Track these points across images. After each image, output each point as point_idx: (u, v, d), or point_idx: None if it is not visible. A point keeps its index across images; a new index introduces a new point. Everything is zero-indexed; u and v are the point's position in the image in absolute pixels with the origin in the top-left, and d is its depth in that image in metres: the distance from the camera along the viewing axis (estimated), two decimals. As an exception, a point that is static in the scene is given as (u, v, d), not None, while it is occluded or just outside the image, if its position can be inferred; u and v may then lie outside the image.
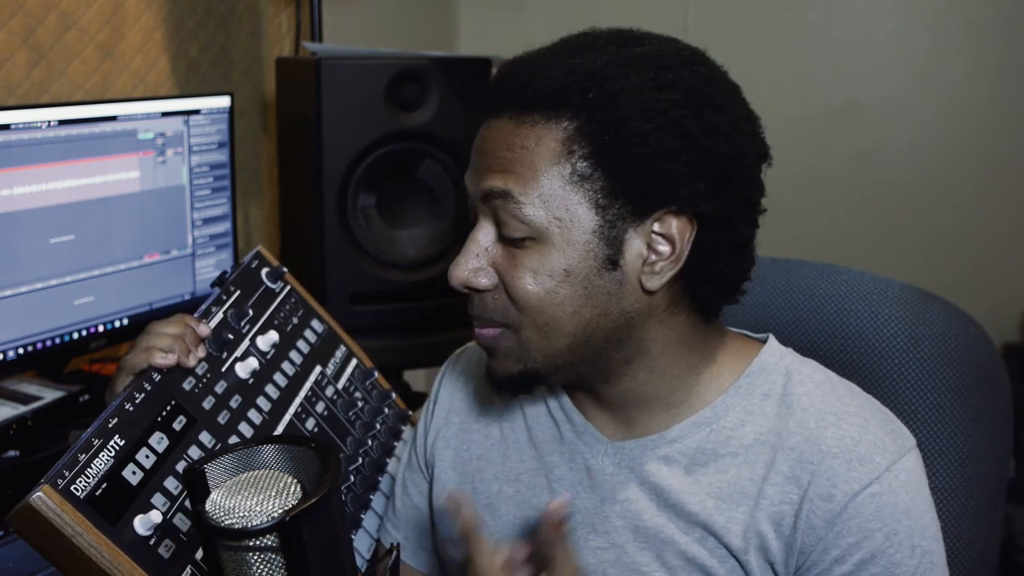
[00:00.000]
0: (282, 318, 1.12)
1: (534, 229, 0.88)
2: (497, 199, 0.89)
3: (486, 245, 0.92)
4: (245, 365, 1.02)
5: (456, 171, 1.92)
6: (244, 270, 1.12)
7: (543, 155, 0.87)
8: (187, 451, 0.92)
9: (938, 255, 2.60)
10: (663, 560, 0.93)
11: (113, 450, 0.85)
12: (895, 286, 1.16)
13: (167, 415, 0.92)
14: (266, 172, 2.29)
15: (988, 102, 2.54)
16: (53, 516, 0.78)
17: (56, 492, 0.79)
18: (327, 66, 1.82)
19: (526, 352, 0.92)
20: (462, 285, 0.93)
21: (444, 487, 1.08)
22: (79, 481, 0.81)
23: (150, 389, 0.92)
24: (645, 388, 0.95)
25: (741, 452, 0.92)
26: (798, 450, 0.90)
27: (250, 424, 1.00)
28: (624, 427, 0.98)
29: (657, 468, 0.95)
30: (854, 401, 0.93)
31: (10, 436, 1.48)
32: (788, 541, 0.89)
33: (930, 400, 1.11)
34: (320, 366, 1.14)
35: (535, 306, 0.89)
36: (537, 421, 1.04)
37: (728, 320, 1.03)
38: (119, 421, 0.87)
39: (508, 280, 0.90)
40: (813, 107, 2.64)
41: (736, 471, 0.92)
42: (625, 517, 0.95)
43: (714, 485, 0.92)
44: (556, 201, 0.87)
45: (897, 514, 0.87)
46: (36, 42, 1.74)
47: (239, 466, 0.72)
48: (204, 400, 0.97)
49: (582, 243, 0.87)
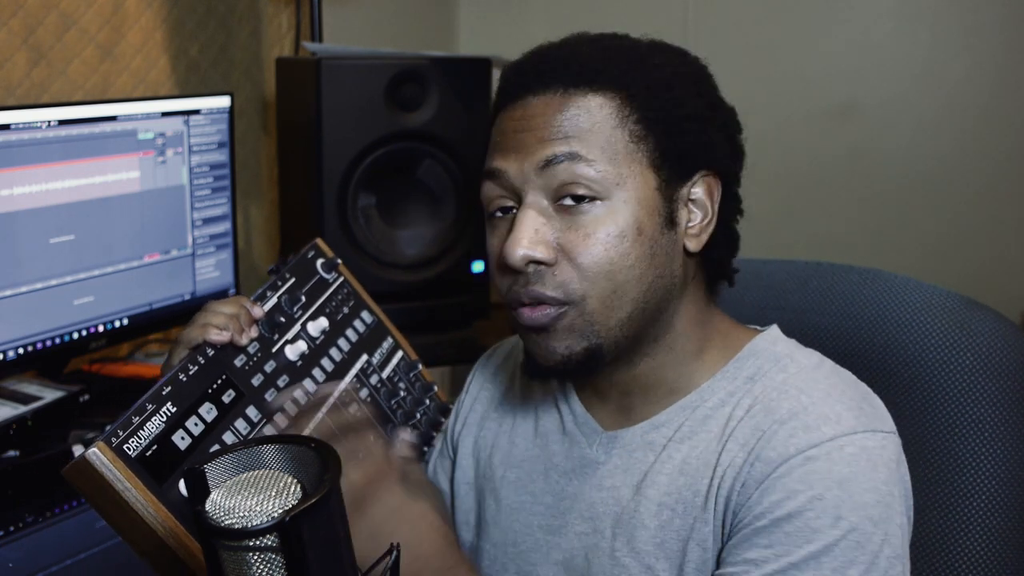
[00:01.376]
0: (333, 307, 1.16)
1: (604, 186, 0.89)
2: (563, 162, 0.89)
3: (541, 220, 0.90)
4: (295, 348, 1.06)
5: (456, 171, 1.93)
6: (300, 259, 1.16)
7: (602, 119, 0.90)
8: (234, 423, 0.96)
9: (938, 255, 2.60)
10: (633, 546, 0.93)
11: (165, 415, 0.90)
12: (940, 293, 1.12)
13: (218, 388, 0.96)
14: (266, 172, 2.30)
15: (988, 102, 2.54)
16: (106, 471, 0.82)
17: (110, 449, 0.83)
18: (327, 66, 1.82)
19: (590, 326, 0.90)
20: (525, 261, 0.89)
21: (464, 472, 1.12)
22: (131, 441, 0.86)
23: (203, 363, 0.96)
24: (659, 371, 0.96)
25: (715, 429, 0.93)
26: (755, 419, 0.90)
27: (296, 403, 1.03)
28: (622, 416, 0.99)
29: (644, 454, 0.96)
30: (828, 379, 0.92)
31: (10, 436, 1.48)
32: (726, 501, 0.88)
33: (970, 413, 1.06)
34: (367, 355, 1.17)
35: (608, 270, 0.89)
36: (545, 412, 1.07)
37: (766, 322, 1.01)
38: (172, 390, 0.92)
39: (576, 248, 0.89)
40: (813, 107, 2.64)
41: (705, 446, 0.92)
42: (608, 504, 0.97)
43: (685, 461, 0.93)
44: (621, 159, 0.90)
45: (828, 482, 0.83)
46: (36, 42, 1.74)
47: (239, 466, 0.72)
48: (253, 377, 1.00)
49: (648, 200, 0.90)
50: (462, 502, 1.11)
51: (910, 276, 1.17)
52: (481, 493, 1.09)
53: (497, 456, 1.08)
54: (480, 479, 1.10)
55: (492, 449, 1.10)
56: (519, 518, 1.04)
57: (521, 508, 1.04)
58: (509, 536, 1.04)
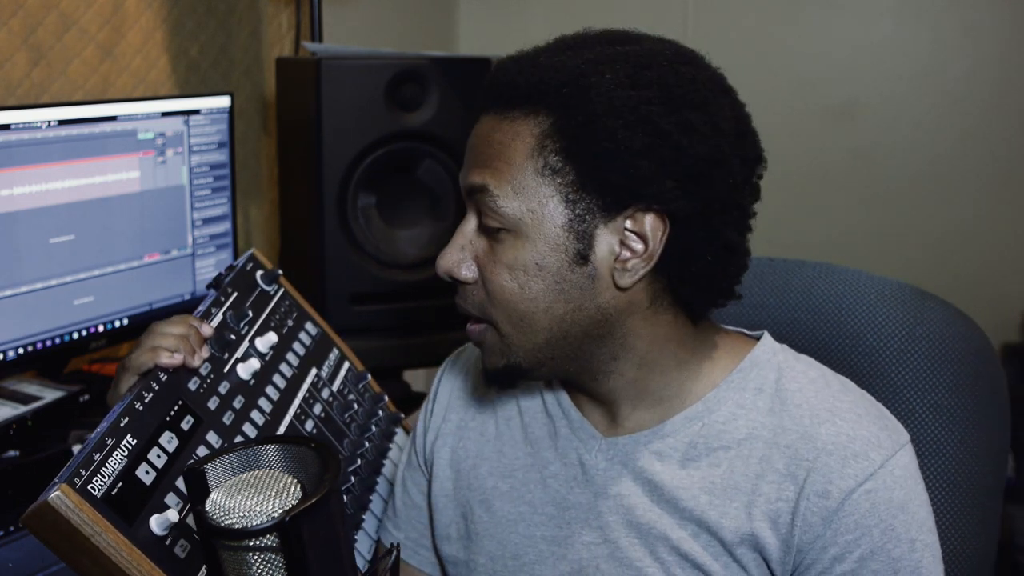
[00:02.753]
0: (278, 320, 1.13)
1: (508, 221, 0.91)
2: (477, 193, 0.93)
3: (470, 237, 0.95)
4: (247, 366, 1.03)
5: (456, 171, 1.92)
6: (240, 272, 1.13)
7: (518, 149, 0.90)
8: (196, 451, 0.92)
9: (938, 255, 2.60)
10: (656, 555, 0.93)
11: (126, 449, 0.85)
12: (892, 285, 1.17)
13: (175, 415, 0.92)
14: (266, 172, 2.29)
15: (988, 102, 2.55)
16: (72, 515, 0.78)
17: (74, 491, 0.78)
18: (327, 66, 1.82)
19: (507, 347, 0.94)
20: (447, 274, 0.96)
21: (442, 484, 1.09)
22: (95, 480, 0.81)
23: (158, 389, 0.92)
24: (635, 384, 0.96)
25: (733, 446, 0.92)
26: (793, 447, 0.90)
27: (253, 425, 1.01)
28: (618, 423, 0.98)
29: (650, 463, 0.95)
30: (848, 397, 0.94)
31: (10, 436, 1.48)
32: (785, 539, 0.89)
33: (927, 399, 1.11)
34: (315, 368, 1.14)
35: (509, 300, 0.92)
36: (533, 418, 1.04)
37: (724, 319, 1.03)
38: (130, 420, 0.87)
39: (486, 274, 0.93)
40: (813, 107, 2.64)
41: (729, 465, 0.92)
42: (618, 512, 0.96)
43: (707, 480, 0.92)
44: (528, 193, 0.90)
45: (893, 509, 0.88)
46: (36, 42, 1.74)
47: (239, 466, 0.72)
48: (209, 400, 0.97)
49: (552, 236, 0.90)
50: (441, 515, 1.08)
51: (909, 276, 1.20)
52: (466, 505, 1.06)
53: (484, 466, 1.06)
54: (463, 490, 1.07)
55: (476, 459, 1.07)
56: (518, 529, 1.02)
57: (520, 519, 1.02)
58: (508, 549, 1.02)
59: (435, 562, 1.13)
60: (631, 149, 0.86)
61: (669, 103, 0.86)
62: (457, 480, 1.08)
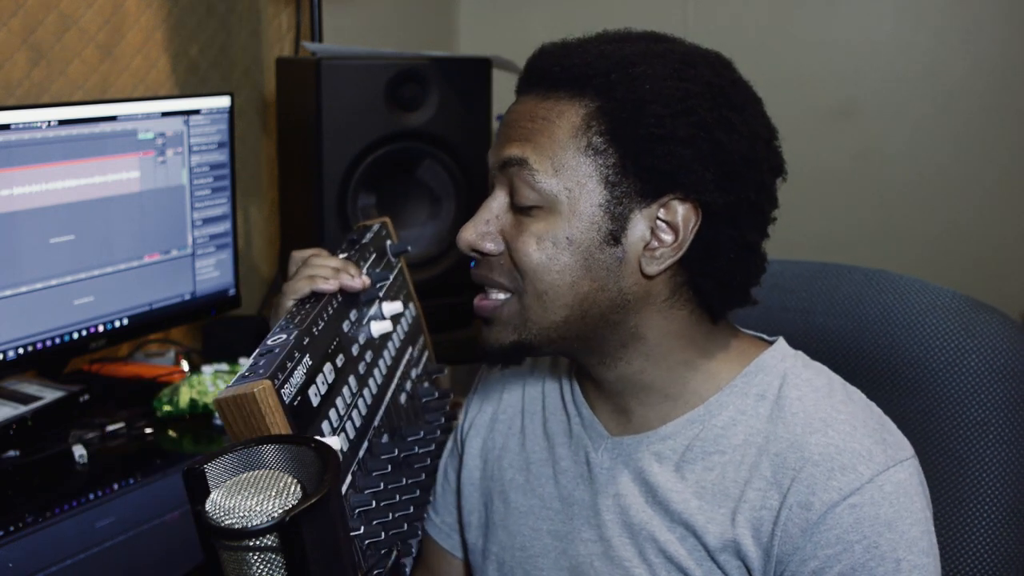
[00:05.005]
0: (394, 292, 1.16)
1: (545, 197, 0.91)
2: (514, 166, 0.92)
3: (497, 213, 0.95)
4: (379, 325, 1.07)
5: (456, 171, 1.92)
6: (376, 235, 1.17)
7: (562, 127, 0.90)
8: (342, 390, 0.95)
9: (938, 255, 2.60)
10: (644, 556, 0.94)
11: (305, 367, 0.89)
12: (945, 294, 1.11)
13: (334, 349, 0.96)
14: (266, 172, 2.30)
15: (988, 102, 2.54)
16: (268, 411, 0.81)
17: (275, 391, 0.82)
18: (327, 66, 1.82)
19: (524, 320, 0.94)
20: (469, 248, 0.95)
21: (471, 472, 1.12)
22: (287, 387, 0.84)
23: (327, 320, 0.96)
24: (641, 376, 0.96)
25: (728, 451, 0.92)
26: (782, 455, 0.89)
27: (376, 382, 1.04)
28: (624, 420, 0.99)
29: (649, 464, 0.95)
30: (848, 408, 0.92)
31: (10, 436, 1.48)
32: (766, 548, 0.88)
33: (975, 416, 1.05)
34: (411, 348, 1.18)
35: (535, 270, 0.92)
36: (553, 413, 1.06)
37: (769, 324, 1.00)
38: (310, 341, 0.91)
39: (513, 245, 0.93)
40: (813, 107, 2.64)
41: (721, 470, 0.92)
42: (615, 511, 0.97)
43: (699, 484, 0.92)
44: (568, 172, 0.90)
45: (879, 527, 0.85)
46: (36, 42, 1.74)
47: (239, 466, 0.72)
48: (353, 346, 1.01)
49: (588, 215, 0.90)
50: (466, 501, 1.12)
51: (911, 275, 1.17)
52: (488, 495, 1.09)
53: (506, 458, 1.08)
54: (487, 480, 1.10)
55: (501, 451, 1.09)
56: (528, 522, 1.04)
57: (530, 512, 1.04)
58: (517, 540, 1.04)
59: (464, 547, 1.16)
60: (676, 137, 0.88)
61: (712, 99, 0.90)
62: (484, 470, 1.11)
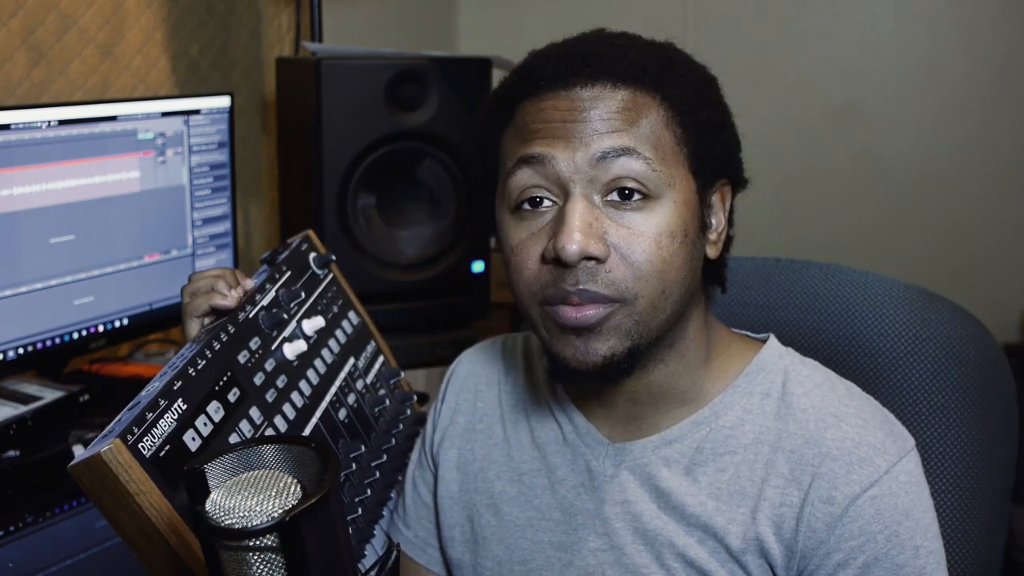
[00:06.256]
0: (324, 304, 1.14)
1: (656, 185, 0.87)
2: (620, 156, 0.86)
3: (594, 213, 0.87)
4: (293, 347, 1.04)
5: (456, 171, 1.92)
6: (294, 251, 1.14)
7: (652, 117, 0.89)
8: (239, 424, 0.93)
9: (938, 255, 2.60)
10: (662, 562, 0.93)
11: (176, 412, 0.85)
12: (899, 286, 1.15)
13: (224, 385, 0.93)
14: (266, 172, 2.29)
15: (988, 102, 2.55)
16: (120, 471, 0.78)
17: (126, 448, 0.79)
18: (327, 66, 1.82)
19: (636, 326, 0.88)
20: (579, 256, 0.85)
21: (448, 486, 1.08)
22: (146, 439, 0.81)
23: (211, 356, 0.93)
24: (670, 379, 0.95)
25: (740, 451, 0.92)
26: (798, 452, 0.90)
27: (293, 406, 1.01)
28: (628, 427, 0.98)
29: (657, 470, 0.95)
30: (853, 402, 0.93)
31: (10, 436, 1.48)
32: (789, 544, 0.89)
33: (935, 402, 1.10)
34: (353, 358, 1.15)
35: (660, 270, 0.87)
36: (540, 422, 1.04)
37: (731, 319, 1.03)
38: (183, 384, 0.88)
39: (628, 246, 0.86)
40: (813, 107, 2.64)
41: (735, 470, 0.92)
42: (625, 519, 0.95)
43: (713, 485, 0.92)
44: (670, 158, 0.89)
45: (898, 516, 0.87)
46: (36, 42, 1.74)
47: (239, 466, 0.72)
48: (255, 376, 0.98)
49: (692, 202, 0.90)
50: (446, 516, 1.08)
51: (909, 276, 1.19)
52: (473, 508, 1.06)
53: (492, 470, 1.05)
54: (469, 493, 1.07)
55: (484, 462, 1.06)
56: (526, 534, 1.01)
57: (527, 524, 1.02)
58: (516, 553, 1.02)
59: (443, 562, 1.13)
60: (723, 125, 0.94)
61: (715, 88, 0.96)
62: (464, 482, 1.07)
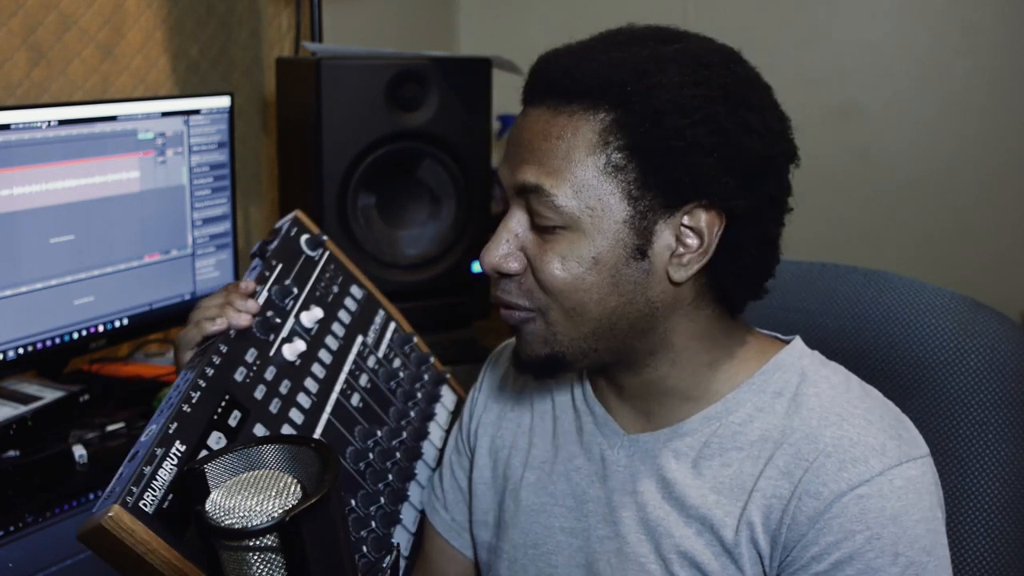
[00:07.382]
0: (323, 289, 1.12)
1: (566, 219, 0.89)
2: (530, 192, 0.90)
3: (517, 232, 0.93)
4: (292, 347, 1.03)
5: (456, 171, 1.92)
6: (284, 239, 1.11)
7: (579, 145, 0.88)
8: None
9: (938, 255, 2.59)
10: (660, 552, 0.94)
11: (175, 458, 0.84)
12: (944, 295, 1.11)
13: (223, 411, 0.92)
14: (266, 172, 2.30)
15: (988, 102, 2.54)
16: (125, 536, 0.78)
17: (126, 512, 0.78)
18: (327, 66, 1.82)
19: (552, 335, 0.93)
20: (494, 270, 0.94)
21: (481, 472, 1.11)
22: (147, 496, 0.80)
23: (205, 386, 0.92)
24: (666, 380, 0.96)
25: (746, 447, 0.93)
26: (797, 447, 0.90)
27: (300, 409, 1.00)
28: (642, 420, 0.99)
29: (667, 461, 0.96)
30: (864, 404, 0.92)
31: (10, 436, 1.48)
32: (774, 535, 0.89)
33: (974, 416, 1.05)
34: (361, 335, 1.13)
35: (562, 290, 0.91)
36: (563, 412, 1.06)
37: (771, 323, 1.01)
38: (179, 426, 0.87)
39: (537, 265, 0.92)
40: (813, 107, 2.64)
41: (738, 466, 0.92)
42: (632, 508, 0.97)
43: (717, 479, 0.93)
44: (589, 191, 0.88)
45: (883, 519, 0.85)
46: (36, 42, 1.74)
47: (239, 466, 0.72)
48: (256, 390, 0.97)
49: (612, 232, 0.89)
50: (480, 501, 1.11)
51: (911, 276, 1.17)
52: (501, 493, 1.09)
53: (516, 457, 1.08)
54: (499, 479, 1.10)
55: (511, 449, 1.09)
56: (540, 519, 1.04)
57: (542, 510, 1.04)
58: (530, 537, 1.04)
59: (473, 546, 1.15)
60: (697, 147, 0.87)
61: (729, 103, 0.88)
62: (495, 468, 1.10)
